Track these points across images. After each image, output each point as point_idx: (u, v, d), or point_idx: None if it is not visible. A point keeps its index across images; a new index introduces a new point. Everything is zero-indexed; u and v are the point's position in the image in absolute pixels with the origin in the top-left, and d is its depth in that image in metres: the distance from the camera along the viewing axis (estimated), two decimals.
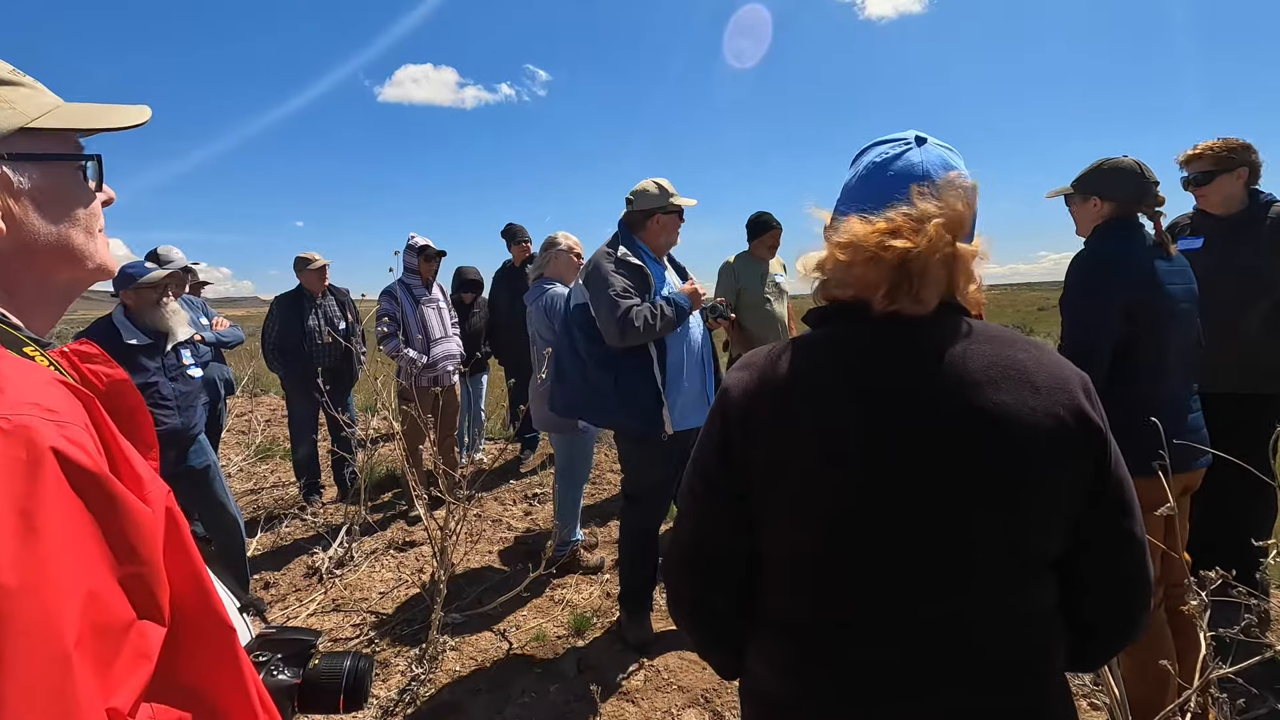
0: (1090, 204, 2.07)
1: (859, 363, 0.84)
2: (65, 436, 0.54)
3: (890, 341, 0.84)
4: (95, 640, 0.51)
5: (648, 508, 2.85)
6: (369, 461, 4.57)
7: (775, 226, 4.54)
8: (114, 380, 0.73)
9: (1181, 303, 1.92)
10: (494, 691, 2.66)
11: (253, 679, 0.68)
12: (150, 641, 0.57)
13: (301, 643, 0.88)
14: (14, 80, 0.68)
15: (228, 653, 0.66)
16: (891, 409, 0.80)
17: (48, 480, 0.52)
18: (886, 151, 0.87)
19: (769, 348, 0.91)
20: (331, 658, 0.88)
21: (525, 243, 5.40)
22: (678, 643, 2.88)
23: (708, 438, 0.92)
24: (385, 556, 3.97)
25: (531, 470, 5.36)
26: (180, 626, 0.61)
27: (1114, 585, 0.85)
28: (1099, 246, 1.97)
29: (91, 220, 0.74)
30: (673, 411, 2.63)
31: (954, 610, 0.81)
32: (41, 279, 0.70)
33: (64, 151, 0.71)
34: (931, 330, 0.84)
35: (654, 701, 2.53)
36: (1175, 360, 1.91)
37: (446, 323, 4.57)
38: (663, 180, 2.78)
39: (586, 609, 3.22)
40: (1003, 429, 0.78)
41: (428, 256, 4.45)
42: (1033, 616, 0.83)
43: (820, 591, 0.86)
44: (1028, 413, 0.79)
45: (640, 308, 2.54)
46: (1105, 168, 2.04)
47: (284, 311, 4.50)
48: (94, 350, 0.73)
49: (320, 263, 4.53)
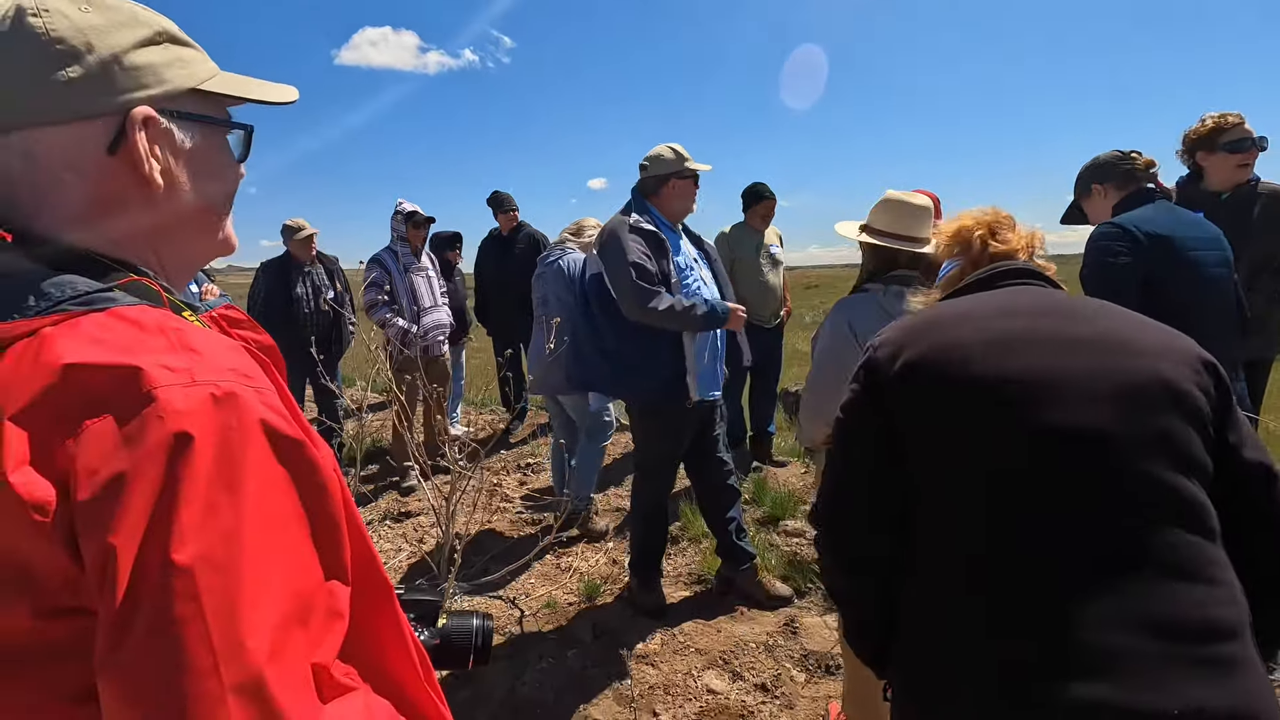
0: (1096, 193, 2.19)
1: (1000, 317, 0.92)
2: (266, 404, 0.54)
3: (1021, 298, 0.97)
4: (297, 602, 0.51)
5: (661, 478, 2.87)
6: (361, 431, 4.49)
7: (769, 197, 4.54)
8: (264, 345, 0.71)
9: (1213, 268, 1.98)
10: (510, 659, 2.67)
11: (410, 633, 0.68)
12: (341, 600, 0.57)
13: (429, 604, 0.87)
14: (187, 41, 0.66)
15: (389, 610, 0.67)
16: (1039, 346, 0.90)
17: (256, 450, 0.51)
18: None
19: (911, 318, 0.98)
20: (459, 617, 0.88)
21: (512, 211, 5.29)
22: (691, 608, 2.93)
23: (856, 410, 0.98)
24: (382, 528, 3.94)
25: (522, 440, 5.34)
26: (353, 584, 0.60)
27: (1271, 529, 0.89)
28: (1116, 218, 2.03)
29: (234, 192, 0.72)
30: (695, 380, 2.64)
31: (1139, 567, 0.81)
32: (185, 245, 0.69)
33: (221, 117, 0.69)
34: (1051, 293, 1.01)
35: (673, 664, 2.57)
36: (1211, 328, 1.98)
37: (436, 291, 4.48)
38: (677, 145, 2.75)
39: (595, 576, 3.25)
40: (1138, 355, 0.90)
41: (416, 223, 4.34)
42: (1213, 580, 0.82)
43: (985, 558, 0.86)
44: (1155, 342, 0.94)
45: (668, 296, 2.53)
46: (1090, 164, 2.23)
47: (270, 279, 4.35)
48: (241, 315, 0.72)
49: (308, 231, 4.40)
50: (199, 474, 0.47)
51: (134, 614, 0.44)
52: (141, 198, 0.62)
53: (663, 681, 2.48)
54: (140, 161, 0.60)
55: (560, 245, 3.65)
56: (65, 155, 0.59)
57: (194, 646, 0.45)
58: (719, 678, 2.50)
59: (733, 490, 2.97)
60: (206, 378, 0.51)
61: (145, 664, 0.44)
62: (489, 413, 6.30)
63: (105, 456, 0.46)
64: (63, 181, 0.59)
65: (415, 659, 0.67)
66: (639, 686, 2.45)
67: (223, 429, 0.49)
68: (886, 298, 1.83)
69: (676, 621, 2.83)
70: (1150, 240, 1.93)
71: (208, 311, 0.68)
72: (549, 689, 2.47)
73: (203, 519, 0.47)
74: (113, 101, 0.59)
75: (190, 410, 0.48)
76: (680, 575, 3.22)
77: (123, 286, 0.58)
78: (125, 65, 0.60)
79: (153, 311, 0.56)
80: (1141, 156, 2.15)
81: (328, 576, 0.56)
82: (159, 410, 0.48)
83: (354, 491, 4.00)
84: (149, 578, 0.45)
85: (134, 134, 0.60)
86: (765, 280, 4.50)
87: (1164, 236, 1.94)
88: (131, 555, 0.45)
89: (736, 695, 2.39)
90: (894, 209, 1.87)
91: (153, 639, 0.44)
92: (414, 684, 0.67)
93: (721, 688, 2.44)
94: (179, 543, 0.45)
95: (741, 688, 2.44)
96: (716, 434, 2.92)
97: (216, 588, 0.46)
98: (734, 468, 3.02)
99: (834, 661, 2.52)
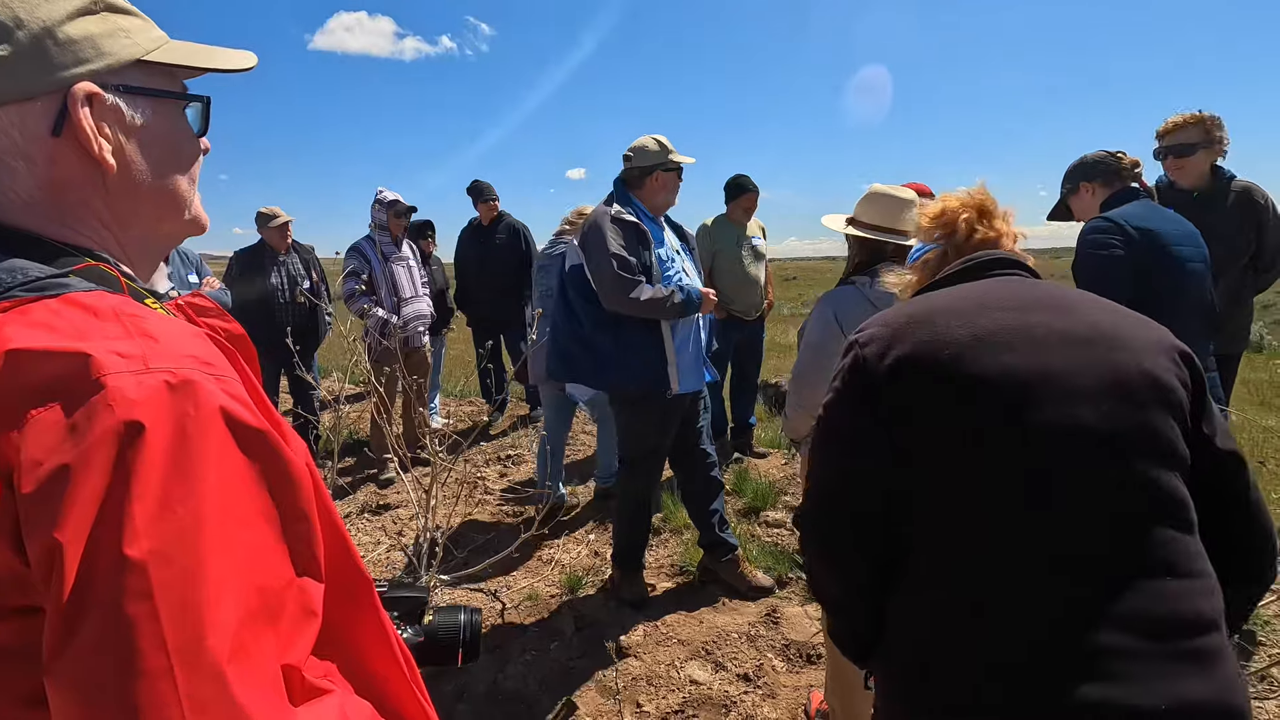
0: (1084, 191, 2.23)
1: (989, 310, 0.91)
2: (227, 391, 0.51)
3: (1009, 289, 0.95)
4: (264, 600, 0.49)
5: (645, 470, 2.87)
6: (338, 423, 4.43)
7: (752, 190, 4.53)
8: (232, 334, 0.68)
9: (1191, 263, 2.02)
10: (493, 651, 2.65)
11: (392, 631, 0.67)
12: (313, 598, 0.55)
13: (414, 600, 0.85)
14: (128, 9, 0.63)
15: (370, 607, 0.65)
16: (1027, 343, 0.88)
17: (215, 440, 0.49)
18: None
19: (898, 309, 0.95)
20: (446, 613, 0.87)
21: (493, 201, 5.23)
22: (673, 600, 2.93)
23: (844, 407, 0.95)
24: (360, 520, 3.89)
25: (502, 431, 5.31)
26: (328, 581, 0.59)
27: (1242, 519, 0.92)
28: (1108, 213, 2.06)
29: (194, 168, 0.69)
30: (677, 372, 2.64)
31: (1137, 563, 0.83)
32: (147, 228, 0.66)
33: (174, 90, 0.65)
34: (1033, 283, 0.99)
35: (656, 655, 2.58)
36: (1189, 322, 2.02)
37: (417, 281, 4.43)
38: (662, 137, 2.74)
39: (577, 568, 3.24)
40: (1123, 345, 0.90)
41: (398, 212, 4.27)
42: (1196, 573, 0.84)
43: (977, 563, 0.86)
44: (1141, 335, 0.95)
45: (649, 286, 2.53)
46: (1078, 162, 2.26)
47: (244, 268, 4.25)
48: (208, 303, 0.68)
49: (283, 219, 4.30)
50: (152, 465, 0.45)
51: (82, 613, 0.42)
52: (94, 180, 0.60)
53: (646, 673, 2.48)
54: (88, 141, 0.57)
55: (560, 236, 3.62)
56: (6, 140, 0.56)
57: (147, 648, 0.42)
58: (702, 668, 2.50)
59: (715, 482, 2.97)
60: (162, 365, 0.49)
61: (95, 667, 0.42)
62: (469, 404, 6.25)
63: (50, 448, 0.44)
64: (9, 167, 0.56)
65: (399, 657, 0.66)
66: (622, 678, 2.45)
67: (178, 418, 0.47)
68: (873, 290, 1.84)
69: (659, 613, 2.83)
70: (1140, 234, 1.98)
71: (173, 300, 0.66)
72: (532, 681, 2.46)
73: (157, 512, 0.44)
74: (50, 79, 0.56)
75: (143, 399, 0.46)
76: (663, 566, 3.23)
77: (79, 272, 0.55)
78: (60, 39, 0.57)
79: (109, 297, 0.54)
80: (1127, 156, 2.19)
81: (299, 573, 0.54)
82: (108, 398, 0.45)
83: (330, 484, 3.95)
84: (98, 575, 0.42)
85: (77, 112, 0.57)
86: (747, 273, 4.49)
87: (1152, 231, 1.99)
88: (79, 551, 0.42)
89: (719, 686, 2.40)
90: (880, 202, 1.87)
91: (102, 640, 0.42)
92: (398, 683, 0.65)
93: (704, 678, 2.45)
94: (131, 537, 0.43)
95: (724, 678, 2.45)
96: (700, 426, 2.92)
97: (172, 584, 0.43)
98: (716, 459, 3.03)
99: (815, 651, 2.54)
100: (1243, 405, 6.14)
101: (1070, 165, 2.28)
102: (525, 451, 4.86)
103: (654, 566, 3.21)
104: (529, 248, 5.18)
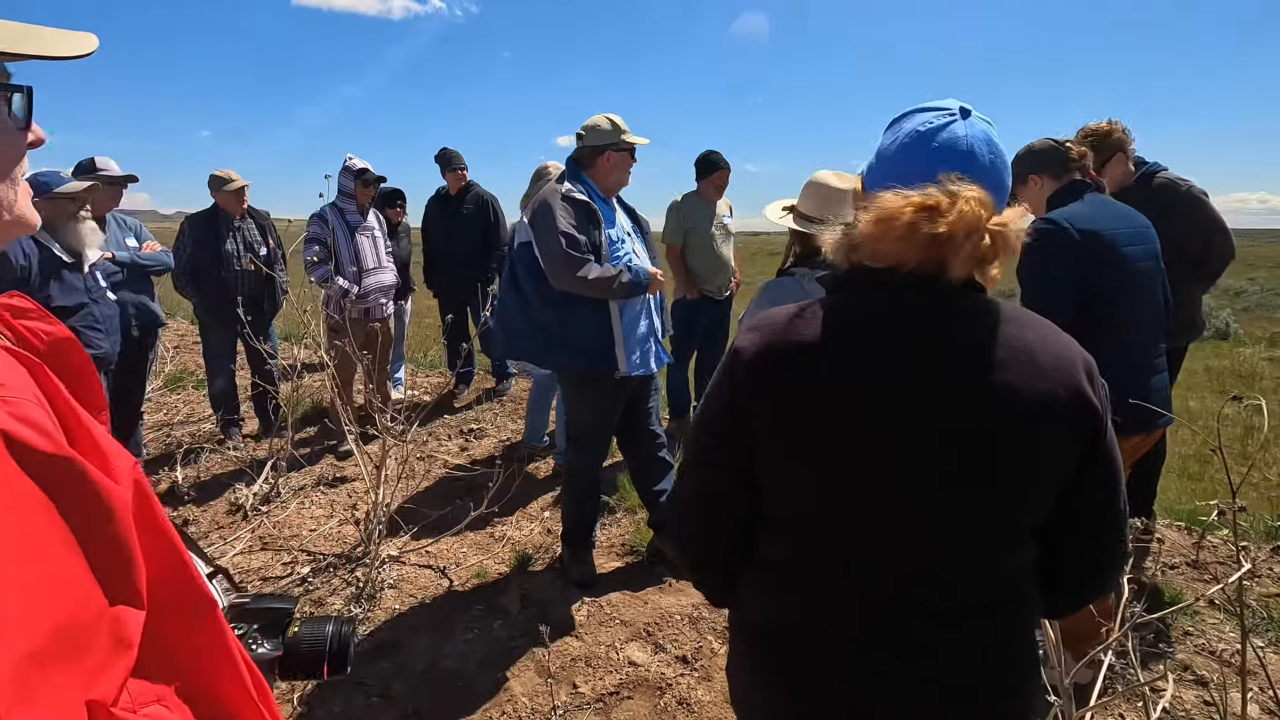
0: (1031, 184, 2.17)
1: (874, 338, 0.85)
2: (14, 415, 0.47)
3: (913, 318, 0.84)
4: (62, 636, 0.46)
5: (592, 450, 2.86)
6: (295, 394, 4.37)
7: (723, 166, 4.47)
8: (56, 339, 0.63)
9: (1141, 262, 2.01)
10: (436, 629, 2.66)
11: (239, 651, 0.64)
12: (128, 628, 0.52)
13: (278, 611, 0.83)
14: None
15: (212, 626, 0.62)
16: (902, 388, 0.82)
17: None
18: (931, 121, 0.84)
19: (785, 310, 0.90)
20: (312, 624, 0.84)
21: (461, 170, 5.12)
22: (621, 579, 2.95)
23: (716, 396, 0.93)
24: (315, 493, 3.86)
25: (466, 405, 5.27)
26: (159, 604, 0.56)
27: (1092, 551, 0.91)
28: (1051, 214, 2.02)
29: (14, 164, 0.63)
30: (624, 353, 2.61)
31: (934, 571, 0.86)
32: None
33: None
34: (955, 307, 0.84)
35: (597, 635, 2.59)
36: (1141, 320, 2.01)
37: (381, 252, 4.35)
38: (615, 116, 2.68)
39: (528, 545, 3.24)
40: (1008, 415, 0.80)
41: (366, 181, 4.18)
42: (1011, 575, 0.88)
43: (815, 547, 0.89)
44: (1031, 396, 0.81)
45: (597, 265, 2.49)
46: (1026, 152, 2.19)
47: (197, 233, 4.13)
48: (28, 305, 0.63)
49: (239, 183, 4.17)
50: None
51: None
52: None
53: (585, 653, 2.50)
54: None
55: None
56: None
57: None
58: (641, 649, 2.52)
59: (664, 463, 2.97)
60: None
61: None
62: (439, 375, 6.20)
63: None
64: None
65: (246, 677, 0.64)
66: (561, 658, 2.47)
67: None
68: (810, 282, 1.82)
69: (604, 592, 2.84)
70: (1083, 236, 1.94)
71: None
72: (471, 660, 2.47)
73: None
74: None
75: None
76: (613, 546, 3.24)
77: None
78: None
79: None
80: (1075, 146, 2.15)
81: (113, 602, 0.50)
82: None
83: (287, 455, 3.91)
84: None
85: None
86: (719, 252, 4.46)
87: (1095, 233, 1.95)
88: None
89: (657, 667, 2.43)
90: (820, 193, 1.84)
91: None
92: (244, 705, 0.63)
93: (643, 659, 2.47)
94: None
95: (663, 659, 2.47)
96: (650, 407, 2.91)
97: None
98: (666, 440, 3.03)
99: None
100: (1202, 393, 6.24)
101: (1016, 154, 2.20)
102: (488, 426, 4.84)
103: (604, 546, 3.22)
104: (498, 219, 5.09)
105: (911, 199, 0.79)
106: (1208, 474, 4.05)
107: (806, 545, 0.90)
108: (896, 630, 0.86)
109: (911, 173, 0.82)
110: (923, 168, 0.82)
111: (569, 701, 2.28)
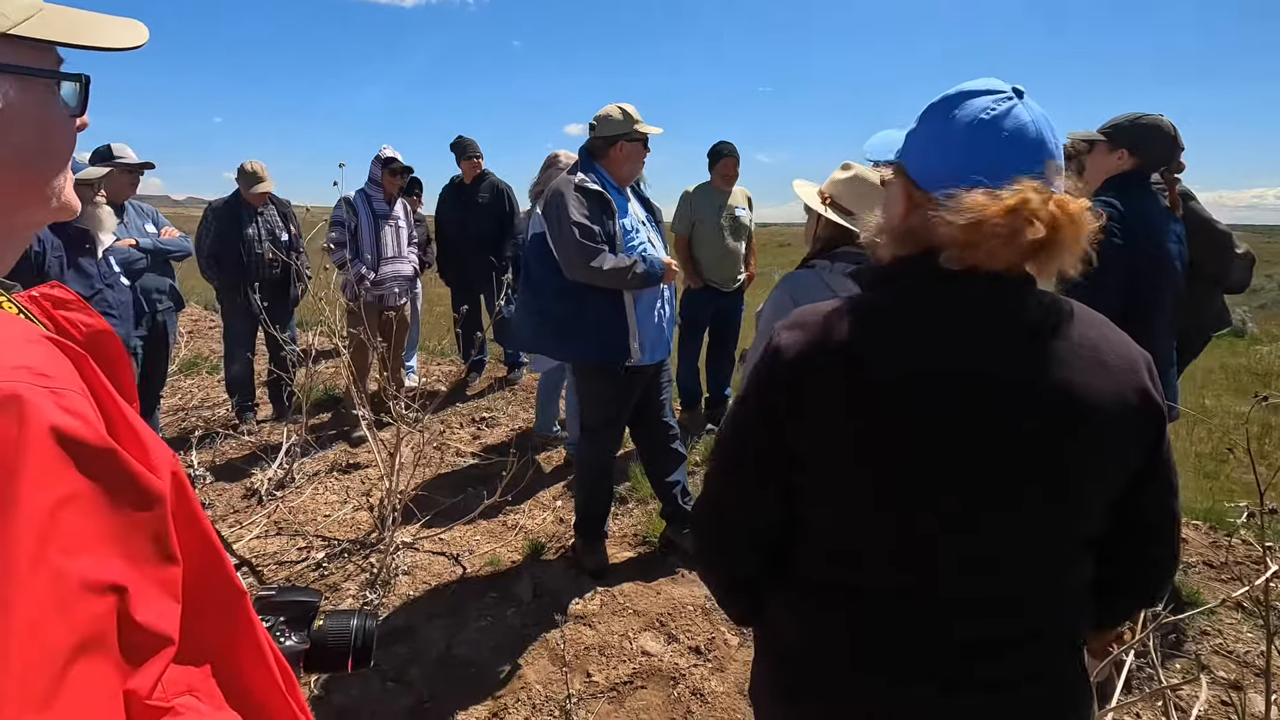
0: (1116, 156, 2.05)
1: (929, 336, 0.79)
2: (63, 406, 0.47)
3: (967, 315, 0.78)
4: (96, 627, 0.46)
5: (604, 440, 2.86)
6: (310, 380, 4.39)
7: (729, 154, 4.41)
8: (94, 330, 0.63)
9: (1176, 261, 2.00)
10: (449, 616, 2.68)
11: (268, 642, 0.65)
12: (167, 620, 0.52)
13: (304, 605, 0.83)
14: None
15: (242, 618, 0.63)
16: (960, 390, 0.77)
17: (39, 461, 0.44)
18: (992, 107, 0.78)
19: (827, 307, 0.85)
20: (336, 618, 0.85)
21: (476, 158, 5.10)
22: (633, 569, 2.95)
23: (752, 399, 0.88)
24: (329, 479, 3.88)
25: (479, 393, 5.29)
26: (193, 596, 0.56)
27: (1148, 563, 0.88)
28: (1118, 203, 1.95)
29: (68, 151, 0.63)
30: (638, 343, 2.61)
31: (994, 590, 0.81)
32: (5, 214, 0.60)
33: (46, 67, 0.59)
34: (1019, 303, 0.78)
35: (610, 625, 2.60)
36: (1164, 315, 2.00)
37: (403, 243, 4.40)
38: (628, 106, 2.66)
39: (540, 534, 3.26)
40: (1079, 419, 0.76)
41: (393, 170, 4.23)
42: (1068, 593, 0.84)
43: (858, 564, 0.84)
44: (1099, 398, 0.76)
45: (611, 255, 2.49)
46: (1144, 123, 2.02)
47: (221, 222, 4.19)
48: (69, 296, 0.63)
49: (266, 186, 4.27)
50: None
51: None
52: None
53: (599, 642, 2.51)
54: None
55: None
56: None
57: None
58: (655, 639, 2.53)
59: (677, 454, 2.97)
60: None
61: None
62: (450, 363, 6.21)
63: None
64: None
65: (274, 669, 0.64)
66: (575, 647, 2.48)
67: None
68: (832, 275, 1.79)
69: (617, 582, 2.85)
70: (1144, 232, 1.93)
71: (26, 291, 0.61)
72: (485, 648, 2.48)
73: None
74: None
75: None
76: (626, 536, 3.25)
77: None
78: None
79: None
80: (1182, 162, 2.10)
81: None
82: None
83: (300, 442, 3.94)
84: None
85: None
86: (725, 244, 4.41)
87: (1157, 231, 1.97)
88: None
89: (670, 658, 2.43)
90: (862, 188, 1.79)
91: None
92: (272, 696, 0.64)
93: (656, 650, 2.48)
94: None
95: (676, 650, 2.48)
96: (663, 398, 2.91)
97: None
98: (679, 431, 3.02)
99: None
100: (1218, 390, 6.18)
101: (1115, 124, 2.06)
102: (500, 414, 4.85)
103: (617, 536, 3.22)
104: (513, 208, 5.08)
105: (1006, 201, 0.72)
106: (1224, 472, 4.02)
107: (854, 564, 0.84)
108: (944, 658, 0.81)
109: (982, 166, 0.76)
110: (994, 158, 0.76)
111: (583, 690, 2.29)
